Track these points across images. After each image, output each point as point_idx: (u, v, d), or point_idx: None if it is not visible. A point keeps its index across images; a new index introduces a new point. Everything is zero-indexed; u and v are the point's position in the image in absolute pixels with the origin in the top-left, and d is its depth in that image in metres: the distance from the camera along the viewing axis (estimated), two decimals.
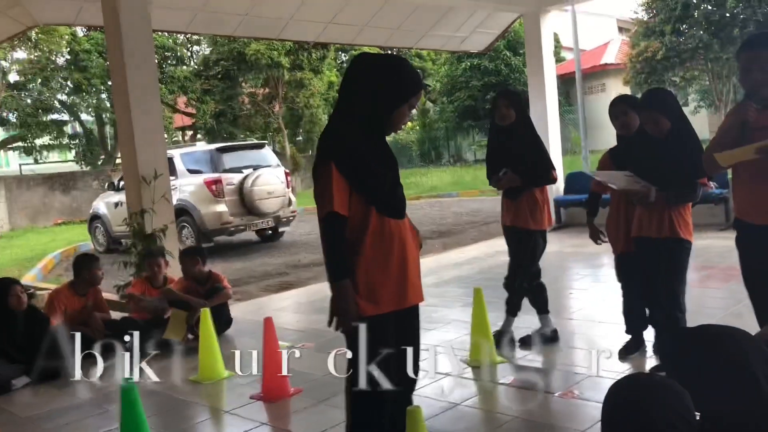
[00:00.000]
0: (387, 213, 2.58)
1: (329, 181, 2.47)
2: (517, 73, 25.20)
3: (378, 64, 2.65)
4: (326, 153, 2.53)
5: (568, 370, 4.14)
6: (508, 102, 4.42)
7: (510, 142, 4.44)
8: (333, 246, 2.50)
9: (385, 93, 2.56)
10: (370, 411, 2.58)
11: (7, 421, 4.09)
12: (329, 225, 2.49)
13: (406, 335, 2.72)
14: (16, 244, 15.73)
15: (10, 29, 9.19)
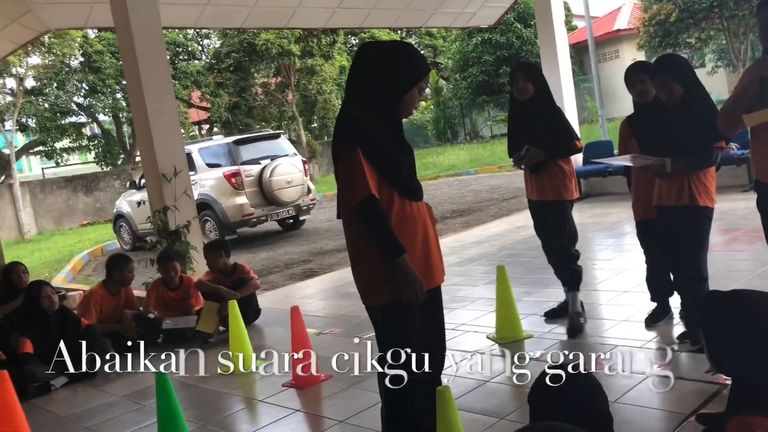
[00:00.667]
0: (408, 196, 2.60)
1: (359, 166, 2.47)
2: (529, 44, 24.94)
3: (384, 52, 2.66)
4: (350, 139, 2.51)
5: (595, 341, 4.16)
6: (526, 75, 4.32)
7: (530, 116, 4.34)
8: (381, 227, 2.48)
9: (393, 79, 2.58)
10: (403, 394, 2.62)
11: (49, 421, 4.20)
12: (369, 209, 2.47)
13: (431, 315, 2.75)
14: (44, 247, 16.01)
15: (24, 36, 9.30)
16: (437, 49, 32.84)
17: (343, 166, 2.52)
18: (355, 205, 2.50)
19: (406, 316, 2.59)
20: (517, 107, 4.45)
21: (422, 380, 2.64)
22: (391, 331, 2.62)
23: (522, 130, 4.41)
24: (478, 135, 28.03)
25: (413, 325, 2.62)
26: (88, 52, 22.47)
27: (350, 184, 2.50)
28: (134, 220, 12.78)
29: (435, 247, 2.73)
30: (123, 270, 5.73)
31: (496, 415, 3.28)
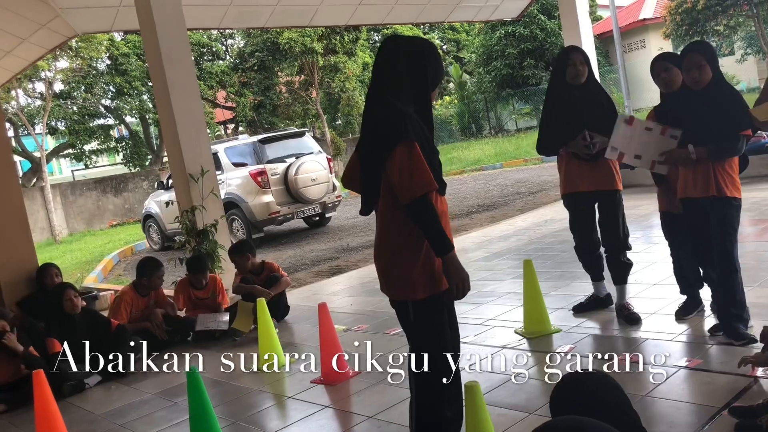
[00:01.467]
0: (441, 191, 2.63)
1: (420, 159, 2.45)
2: (554, 36, 24.71)
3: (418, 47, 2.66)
4: (407, 132, 2.46)
5: (625, 335, 4.12)
6: (583, 58, 4.13)
7: (585, 101, 4.15)
8: (437, 221, 2.49)
9: (427, 74, 2.62)
10: (435, 390, 2.62)
11: (84, 419, 4.29)
12: (429, 203, 2.47)
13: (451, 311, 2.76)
14: (76, 248, 16.28)
15: (52, 41, 9.46)
16: (460, 43, 32.69)
17: (401, 160, 2.44)
18: (414, 198, 2.44)
19: (439, 312, 2.60)
20: (567, 92, 4.19)
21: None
22: (425, 326, 2.62)
23: (574, 117, 4.14)
24: (503, 129, 27.87)
25: (444, 321, 2.63)
26: (115, 55, 22.80)
27: (413, 177, 2.43)
28: (163, 220, 12.94)
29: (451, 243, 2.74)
30: (152, 276, 5.82)
31: (524, 410, 3.27)
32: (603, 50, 25.52)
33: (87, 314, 5.21)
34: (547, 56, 25.28)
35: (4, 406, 4.66)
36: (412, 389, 2.69)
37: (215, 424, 3.20)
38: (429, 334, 2.61)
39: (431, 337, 2.61)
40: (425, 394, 2.64)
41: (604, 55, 25.28)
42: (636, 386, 3.34)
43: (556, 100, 4.29)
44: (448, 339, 2.64)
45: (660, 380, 3.34)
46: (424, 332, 2.63)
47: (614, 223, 4.28)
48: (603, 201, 4.28)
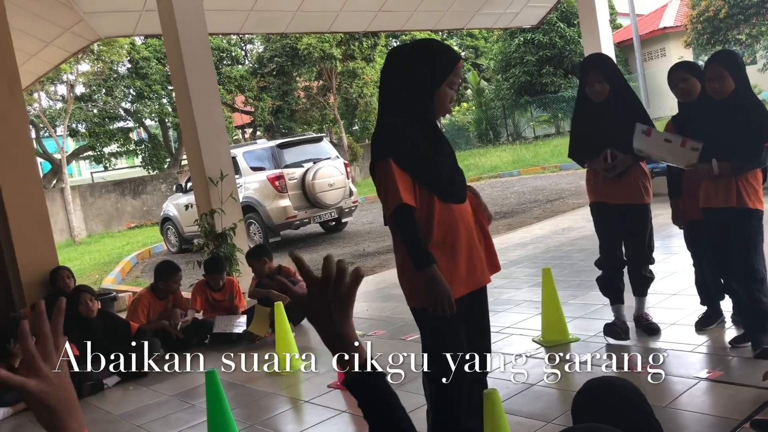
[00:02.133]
0: (449, 199, 2.60)
1: (391, 176, 2.49)
2: (573, 44, 24.63)
3: (406, 52, 2.63)
4: (382, 150, 2.54)
5: (644, 345, 4.09)
6: (602, 75, 3.92)
7: (607, 118, 3.96)
8: (412, 236, 2.50)
9: (420, 78, 2.55)
10: (449, 397, 2.62)
11: (103, 419, 4.32)
12: (402, 217, 2.49)
13: (476, 316, 2.75)
14: (94, 250, 16.43)
15: (76, 45, 9.59)
16: (479, 50, 32.67)
17: (377, 178, 2.57)
18: (389, 215, 2.53)
19: (447, 320, 2.59)
20: (593, 106, 4.03)
21: (467, 382, 2.64)
22: (433, 334, 2.65)
23: (601, 133, 3.98)
24: (520, 136, 27.78)
25: (454, 329, 2.62)
26: (135, 59, 23.04)
27: (384, 194, 2.54)
28: (181, 222, 13.03)
29: (480, 248, 2.70)
30: (169, 281, 5.86)
31: (542, 418, 3.25)
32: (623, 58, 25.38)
33: (104, 317, 5.25)
34: (566, 64, 25.20)
35: (25, 404, 4.71)
36: (427, 396, 2.70)
37: (233, 427, 3.21)
38: (437, 341, 2.64)
39: (440, 345, 2.62)
40: (440, 402, 2.65)
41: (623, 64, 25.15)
42: (656, 397, 3.31)
43: (581, 112, 4.17)
44: (459, 345, 2.62)
45: (680, 391, 3.31)
46: (432, 339, 2.66)
47: (641, 236, 4.11)
48: (631, 214, 4.08)
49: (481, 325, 2.78)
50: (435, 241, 2.56)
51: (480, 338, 2.77)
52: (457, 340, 2.62)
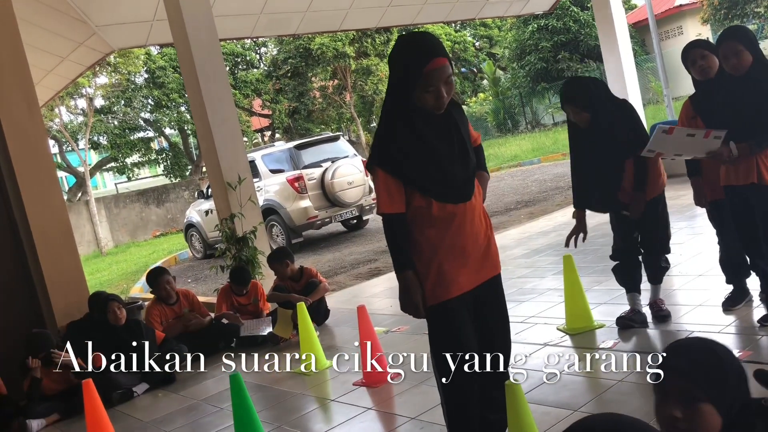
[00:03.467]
0: (447, 200, 2.55)
1: (378, 184, 2.58)
2: (587, 28, 24.37)
3: (395, 44, 2.57)
4: (372, 158, 2.59)
5: (672, 327, 4.03)
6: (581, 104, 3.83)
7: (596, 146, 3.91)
8: (390, 242, 2.62)
9: (396, 79, 2.53)
10: (458, 392, 2.62)
11: (132, 427, 4.38)
12: (385, 224, 2.62)
13: (489, 309, 2.72)
14: (121, 259, 16.65)
15: (91, 58, 9.71)
16: (493, 39, 32.48)
17: (373, 184, 2.65)
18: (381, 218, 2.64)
19: (448, 318, 2.60)
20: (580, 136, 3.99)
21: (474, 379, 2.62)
22: (435, 331, 2.67)
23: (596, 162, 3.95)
24: (539, 123, 27.58)
25: (456, 327, 2.61)
26: (152, 69, 23.28)
27: (377, 200, 2.62)
28: (204, 228, 13.15)
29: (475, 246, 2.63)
30: (157, 287, 5.87)
31: (568, 407, 3.22)
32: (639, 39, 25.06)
33: (132, 325, 5.30)
34: (582, 48, 24.94)
35: (58, 415, 4.78)
36: (439, 391, 2.71)
37: (259, 428, 3.23)
38: (440, 339, 2.65)
39: (443, 342, 2.64)
40: (449, 398, 2.65)
41: (640, 44, 24.83)
42: None
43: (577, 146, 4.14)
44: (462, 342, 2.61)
45: None
46: (436, 337, 2.67)
47: (654, 224, 4.08)
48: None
49: (496, 319, 2.75)
50: (433, 240, 2.56)
51: (496, 332, 2.74)
52: (459, 338, 2.61)
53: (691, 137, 3.59)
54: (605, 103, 3.92)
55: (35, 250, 5.79)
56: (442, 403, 2.72)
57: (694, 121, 3.92)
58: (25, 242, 5.80)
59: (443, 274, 2.57)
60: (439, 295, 2.58)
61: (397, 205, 2.55)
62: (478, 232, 2.64)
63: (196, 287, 10.36)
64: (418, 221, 2.57)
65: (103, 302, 5.34)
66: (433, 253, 2.57)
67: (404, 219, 2.57)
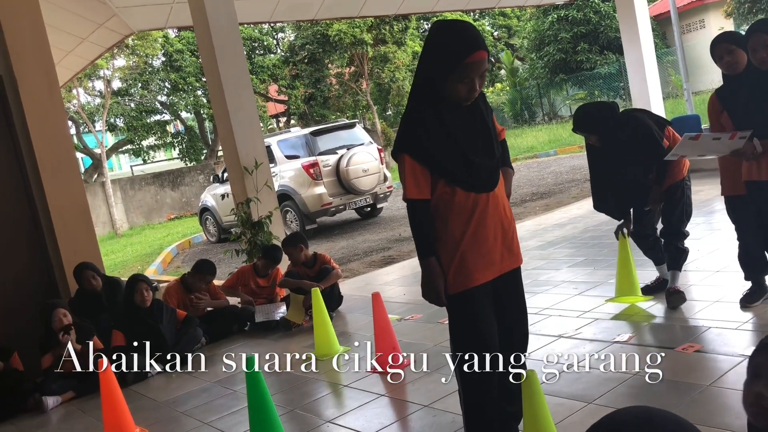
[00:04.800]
0: (472, 189, 2.55)
1: (404, 171, 2.56)
2: (608, 19, 24.12)
3: (432, 31, 2.55)
4: (399, 145, 2.58)
5: (686, 323, 4.01)
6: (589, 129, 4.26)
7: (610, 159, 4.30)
8: (415, 228, 2.60)
9: (431, 66, 2.50)
10: (478, 383, 2.61)
11: (147, 407, 4.42)
12: (409, 210, 2.60)
13: (509, 300, 2.71)
14: (136, 241, 16.77)
15: (110, 39, 9.74)
16: (511, 29, 32.25)
17: (399, 170, 2.62)
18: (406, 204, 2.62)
19: (469, 307, 2.58)
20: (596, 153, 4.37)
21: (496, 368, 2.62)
22: (456, 320, 2.66)
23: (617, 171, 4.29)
24: (556, 115, 27.40)
25: (477, 316, 2.60)
26: (169, 52, 23.32)
27: (403, 186, 2.60)
28: (219, 212, 13.20)
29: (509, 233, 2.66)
30: (197, 280, 5.90)
31: (583, 399, 3.21)
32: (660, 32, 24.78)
33: (156, 306, 5.34)
34: (601, 40, 24.70)
35: (73, 393, 4.84)
36: (457, 381, 2.70)
37: (273, 411, 3.25)
38: (460, 327, 2.64)
39: (463, 332, 2.63)
40: (467, 387, 2.64)
41: (661, 37, 24.55)
42: (700, 376, 3.24)
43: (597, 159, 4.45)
44: (483, 332, 2.60)
45: (724, 369, 3.24)
46: (456, 325, 2.66)
47: (672, 212, 4.30)
48: (667, 190, 4.29)
49: (515, 310, 2.74)
50: (456, 229, 2.54)
51: (514, 323, 2.74)
52: (479, 327, 2.60)
53: (717, 141, 3.58)
54: (611, 126, 4.20)
55: (53, 229, 5.84)
56: (459, 393, 2.71)
57: (722, 115, 3.88)
58: (42, 221, 5.85)
59: (465, 263, 2.56)
60: (461, 284, 2.57)
61: (423, 191, 2.54)
62: (502, 223, 2.63)
63: None
64: (442, 209, 2.56)
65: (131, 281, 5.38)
66: (456, 242, 2.55)
67: (429, 205, 2.56)
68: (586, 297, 4.85)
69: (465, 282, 2.57)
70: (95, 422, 4.24)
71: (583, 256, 6.10)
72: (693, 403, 2.97)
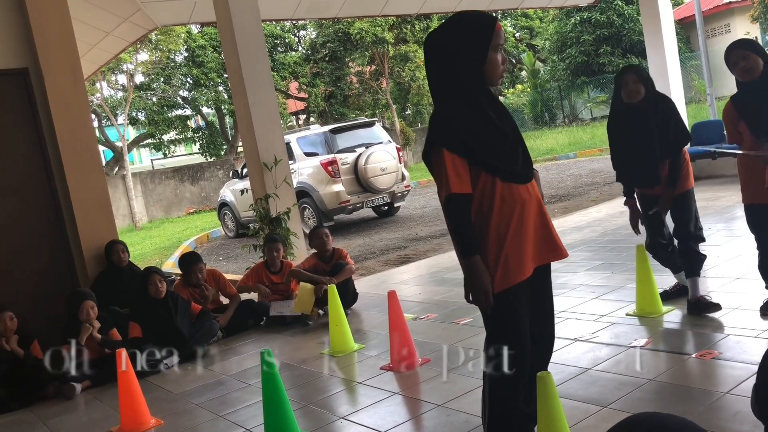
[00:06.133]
0: (512, 180, 2.53)
1: (443, 165, 2.47)
2: (632, 22, 23.93)
3: (443, 31, 2.56)
4: (435, 139, 2.50)
5: (704, 329, 3.97)
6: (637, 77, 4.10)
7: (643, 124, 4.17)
8: (458, 225, 2.49)
9: (465, 52, 2.49)
10: (510, 383, 2.58)
11: (163, 398, 4.46)
12: (451, 206, 2.48)
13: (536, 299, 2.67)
14: (155, 234, 16.91)
15: (134, 34, 9.83)
16: (533, 30, 32.09)
17: (435, 165, 2.53)
18: (442, 203, 2.52)
19: (511, 306, 2.55)
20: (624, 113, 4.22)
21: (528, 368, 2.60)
22: (497, 319, 2.59)
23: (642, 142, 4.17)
24: (577, 117, 27.23)
25: (518, 315, 2.57)
26: (192, 47, 23.48)
27: (438, 183, 2.52)
28: (237, 207, 13.28)
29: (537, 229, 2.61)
30: (189, 274, 5.90)
31: (597, 403, 3.20)
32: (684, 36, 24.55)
33: (170, 298, 5.38)
34: (624, 43, 24.51)
35: (89, 382, 4.89)
36: (486, 380, 2.67)
37: (287, 406, 3.27)
38: (501, 327, 2.58)
39: (504, 331, 2.57)
40: (498, 387, 2.61)
41: (685, 42, 24.32)
42: (717, 383, 3.22)
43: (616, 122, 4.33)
44: (522, 332, 2.59)
45: (743, 377, 3.21)
46: (496, 325, 2.60)
47: (687, 217, 4.27)
48: (676, 200, 4.26)
49: (544, 309, 2.72)
50: (498, 223, 2.50)
51: (543, 324, 2.71)
52: (519, 327, 2.57)
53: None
54: (655, 89, 4.20)
55: (74, 220, 5.91)
56: (484, 392, 2.67)
57: (739, 124, 3.85)
58: (64, 211, 5.93)
59: (509, 260, 2.50)
60: (506, 281, 2.51)
61: (465, 185, 2.47)
62: (541, 216, 2.61)
63: (227, 265, 10.49)
64: (486, 203, 2.50)
65: (145, 272, 5.43)
66: (501, 238, 2.50)
67: (471, 200, 2.49)
68: (604, 301, 4.82)
69: (509, 279, 2.51)
70: (111, 411, 4.29)
71: (601, 259, 6.06)
72: (709, 410, 2.94)
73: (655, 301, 4.38)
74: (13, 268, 5.73)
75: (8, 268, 5.70)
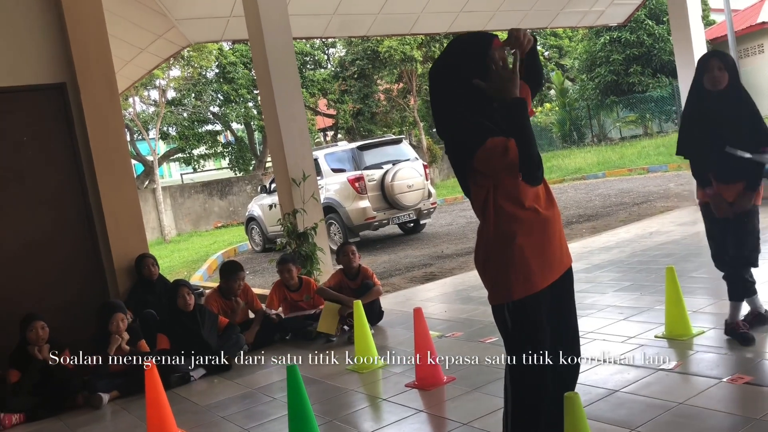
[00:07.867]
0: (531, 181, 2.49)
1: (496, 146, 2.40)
2: (662, 42, 23.74)
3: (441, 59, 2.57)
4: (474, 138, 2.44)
5: (737, 354, 3.90)
6: (723, 64, 3.95)
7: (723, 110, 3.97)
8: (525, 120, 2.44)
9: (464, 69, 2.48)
10: (531, 397, 2.56)
11: (189, 410, 4.50)
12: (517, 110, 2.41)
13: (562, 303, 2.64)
14: (183, 248, 17.09)
15: (168, 50, 10.03)
16: (563, 49, 32.01)
17: (482, 160, 2.43)
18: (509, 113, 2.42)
19: (532, 315, 2.52)
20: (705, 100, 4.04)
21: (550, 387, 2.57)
22: (517, 328, 2.55)
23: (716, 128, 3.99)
24: (606, 137, 27.01)
25: (539, 325, 2.55)
26: (223, 64, 23.83)
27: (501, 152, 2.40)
28: (265, 222, 13.38)
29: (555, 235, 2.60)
30: (229, 281, 5.95)
31: (625, 425, 3.16)
32: None
33: (198, 311, 5.44)
34: (654, 62, 24.31)
35: (117, 392, 4.96)
36: (508, 396, 2.64)
37: (313, 421, 3.27)
38: (521, 338, 2.54)
39: (524, 342, 2.53)
40: (521, 402, 2.59)
41: None
42: (749, 408, 3.16)
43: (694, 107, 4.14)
44: (543, 343, 2.55)
45: None
46: (517, 336, 2.55)
47: (743, 237, 4.00)
48: (744, 214, 3.99)
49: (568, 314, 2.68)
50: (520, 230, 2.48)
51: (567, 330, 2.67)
52: (540, 337, 2.53)
53: None
54: (739, 78, 4.09)
55: (106, 232, 6.02)
56: (506, 407, 2.66)
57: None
58: (97, 224, 6.04)
59: (528, 265, 2.49)
60: (527, 288, 2.50)
61: None
62: (557, 221, 2.61)
63: (254, 279, 10.56)
64: (507, 208, 2.49)
65: (174, 285, 5.49)
66: (520, 244, 2.49)
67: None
68: (632, 322, 4.76)
69: (530, 286, 2.50)
70: (138, 422, 4.34)
71: (630, 280, 6.00)
72: None
73: (685, 323, 4.30)
74: (49, 278, 5.85)
75: (45, 279, 5.83)
